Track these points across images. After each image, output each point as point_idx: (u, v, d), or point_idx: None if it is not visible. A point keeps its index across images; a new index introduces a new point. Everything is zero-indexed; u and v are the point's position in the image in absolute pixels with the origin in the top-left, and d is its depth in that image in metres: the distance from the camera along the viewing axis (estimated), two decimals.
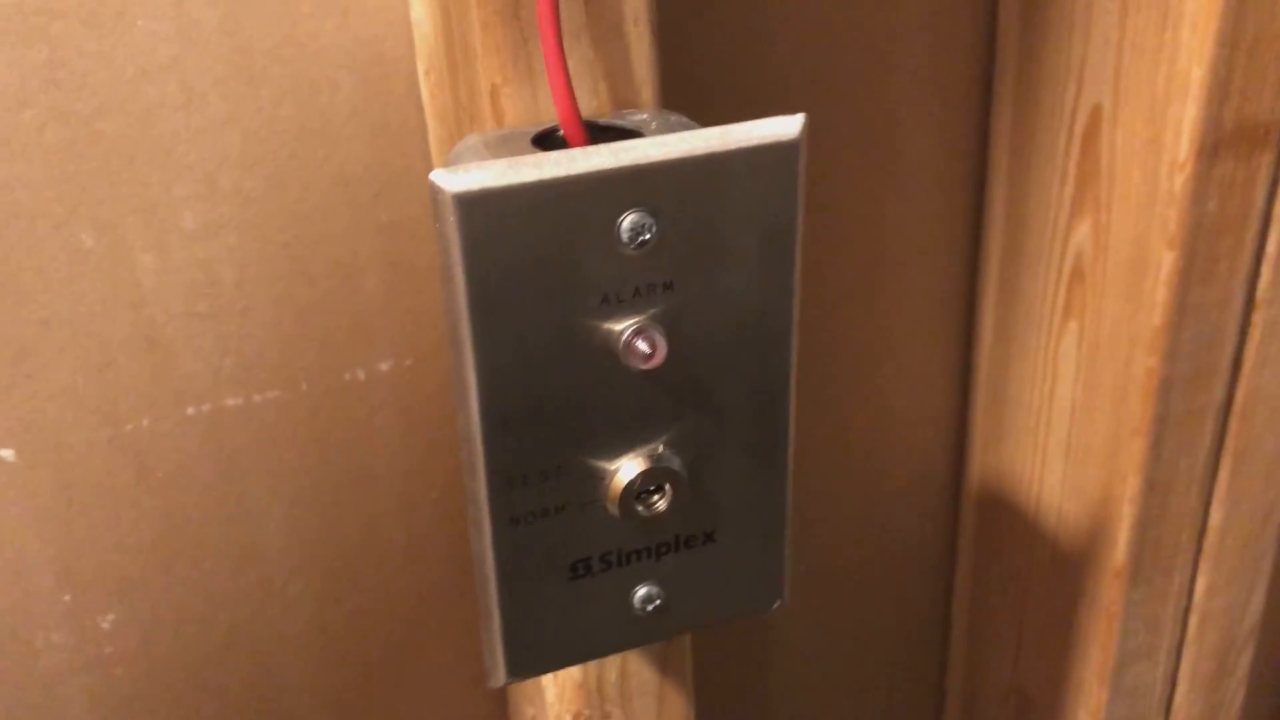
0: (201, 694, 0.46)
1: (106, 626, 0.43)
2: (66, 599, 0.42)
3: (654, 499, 0.33)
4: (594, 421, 0.31)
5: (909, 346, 0.55)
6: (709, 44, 0.45)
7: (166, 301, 0.40)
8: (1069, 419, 0.53)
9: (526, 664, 0.34)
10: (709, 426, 0.33)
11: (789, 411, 0.34)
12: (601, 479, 0.32)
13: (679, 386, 0.32)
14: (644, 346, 0.30)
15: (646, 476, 0.32)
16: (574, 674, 0.39)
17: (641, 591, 0.34)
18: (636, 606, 0.34)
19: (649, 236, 0.29)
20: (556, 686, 0.40)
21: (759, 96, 0.47)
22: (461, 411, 0.30)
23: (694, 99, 0.45)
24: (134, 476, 0.41)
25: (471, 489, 0.31)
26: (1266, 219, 0.47)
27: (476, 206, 0.27)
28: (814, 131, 0.47)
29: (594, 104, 0.32)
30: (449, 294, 0.28)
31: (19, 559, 0.41)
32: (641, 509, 0.32)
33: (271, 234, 0.40)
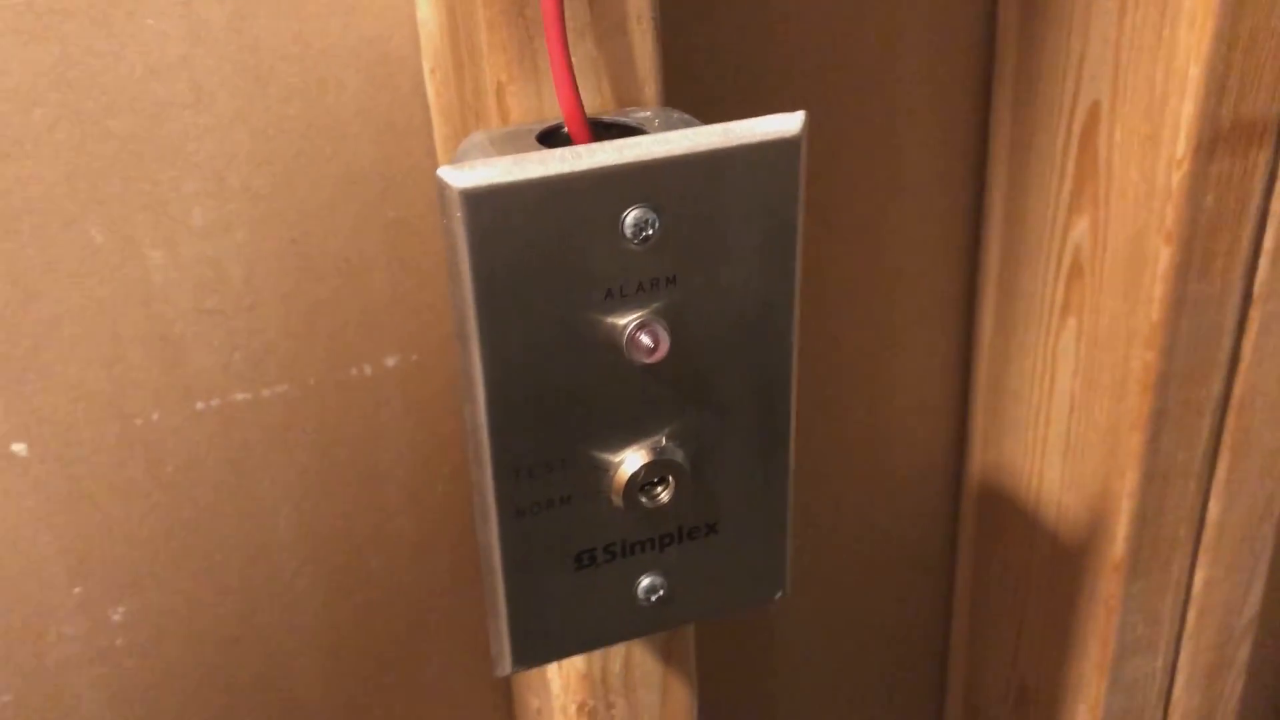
0: (211, 686, 0.46)
1: (117, 619, 0.44)
2: (77, 591, 0.43)
3: (657, 491, 0.33)
4: (598, 414, 0.31)
5: (909, 342, 0.55)
6: (711, 42, 0.45)
7: (176, 297, 0.40)
8: (1068, 414, 0.53)
9: (532, 653, 0.34)
10: (711, 419, 0.33)
11: (790, 405, 0.34)
12: (605, 471, 0.32)
13: (682, 380, 0.32)
14: (647, 340, 0.30)
15: (650, 469, 0.32)
16: (578, 665, 0.39)
17: (645, 582, 0.34)
18: (640, 597, 0.35)
19: (652, 232, 0.29)
20: (561, 678, 0.40)
21: (761, 94, 0.47)
22: (468, 404, 0.30)
23: (696, 97, 0.45)
24: (144, 470, 0.42)
25: (478, 481, 0.31)
26: (1263, 214, 0.47)
27: (483, 202, 0.28)
28: (816, 128, 0.47)
29: (598, 101, 0.33)
30: (456, 289, 0.29)
31: (31, 552, 0.41)
32: (645, 501, 0.33)
33: (279, 231, 0.40)
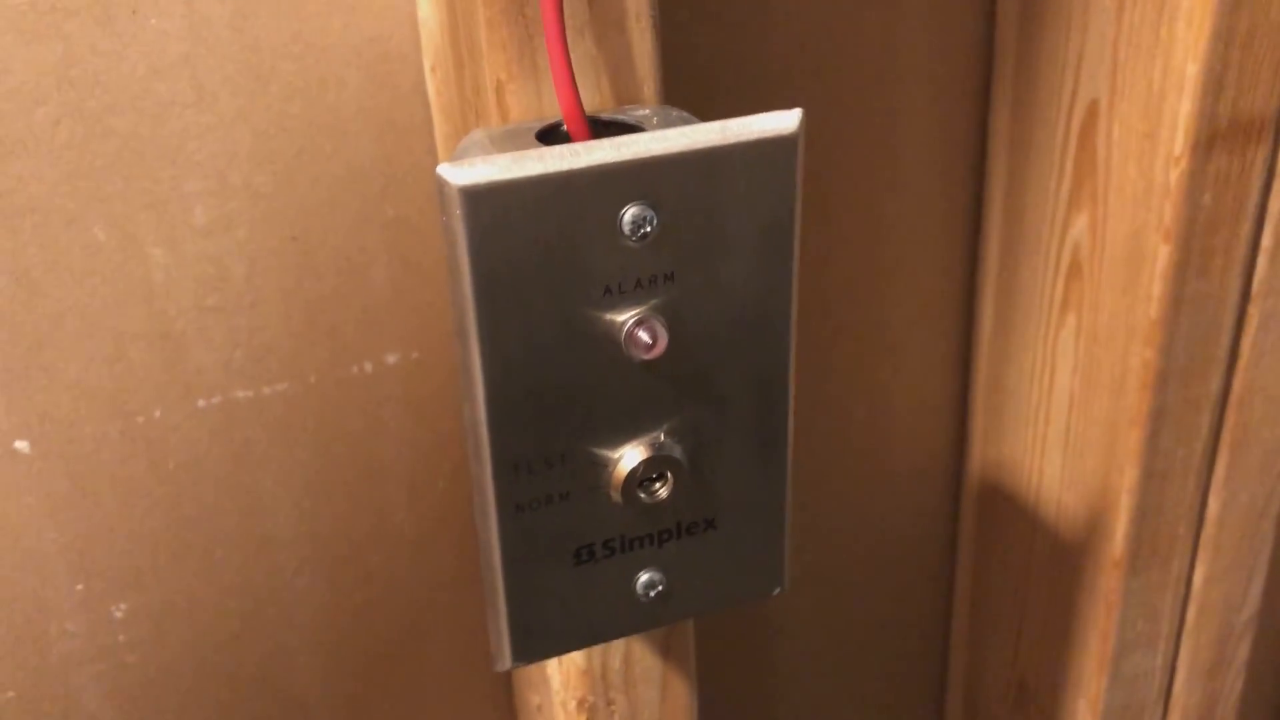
0: (213, 682, 0.46)
1: (119, 615, 0.44)
2: (80, 588, 0.43)
3: (656, 486, 0.33)
4: (597, 410, 0.31)
5: (909, 339, 0.56)
6: (710, 40, 0.45)
7: (177, 295, 0.40)
8: (1067, 411, 0.53)
9: (531, 648, 0.34)
10: (710, 415, 0.33)
11: (788, 400, 0.34)
12: (604, 467, 0.32)
13: (680, 376, 0.32)
14: (646, 337, 0.30)
15: (648, 464, 0.32)
16: (578, 661, 0.40)
17: (644, 577, 0.35)
18: (639, 592, 0.35)
19: (650, 229, 0.30)
20: (561, 674, 0.40)
21: (759, 92, 0.47)
22: (468, 401, 0.30)
23: (695, 94, 0.45)
24: (146, 467, 0.42)
25: (478, 477, 0.31)
26: (1261, 212, 0.47)
27: (482, 200, 0.28)
28: (815, 126, 0.47)
29: (596, 99, 0.33)
30: (455, 285, 0.29)
31: (33, 549, 0.42)
32: (643, 496, 0.33)
33: (280, 228, 0.41)
